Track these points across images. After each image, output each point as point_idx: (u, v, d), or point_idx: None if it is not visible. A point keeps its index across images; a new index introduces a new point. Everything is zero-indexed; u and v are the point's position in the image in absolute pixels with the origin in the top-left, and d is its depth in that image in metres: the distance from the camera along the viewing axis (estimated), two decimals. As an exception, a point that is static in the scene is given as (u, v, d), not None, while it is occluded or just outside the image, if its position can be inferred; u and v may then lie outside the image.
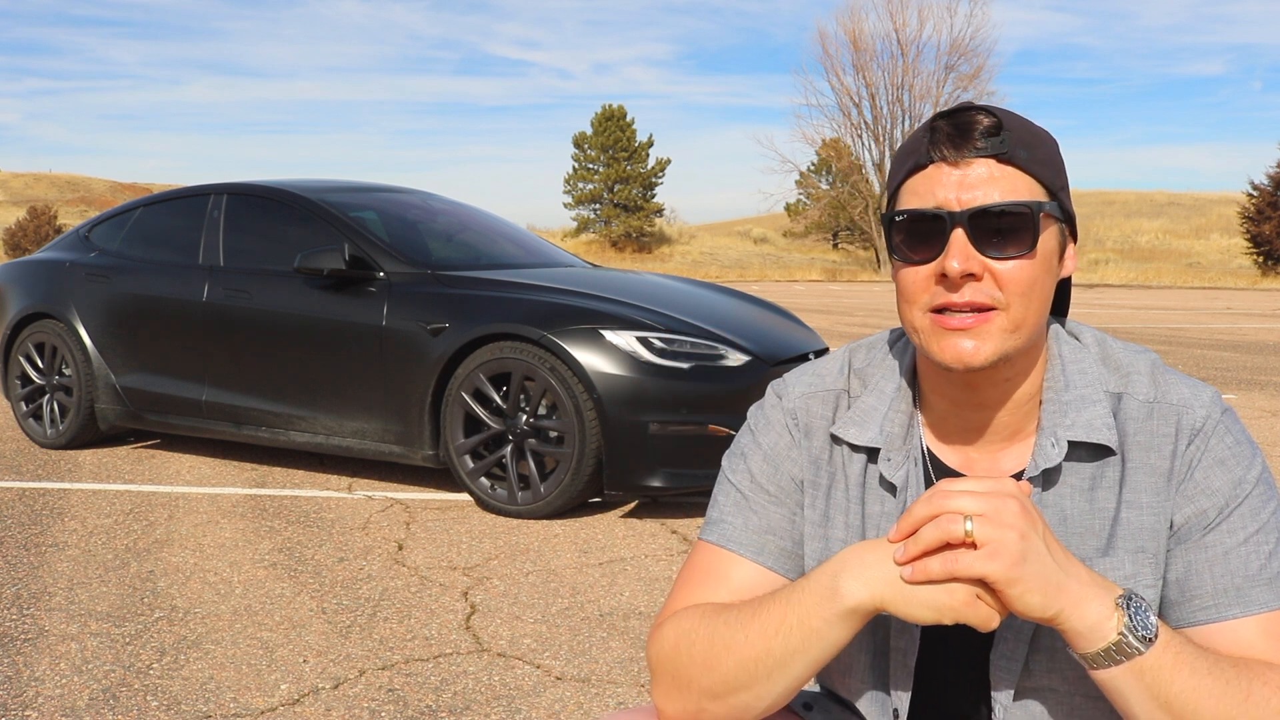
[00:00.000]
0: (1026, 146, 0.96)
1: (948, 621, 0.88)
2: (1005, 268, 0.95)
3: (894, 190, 1.02)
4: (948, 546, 0.87)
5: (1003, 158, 0.95)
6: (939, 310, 0.97)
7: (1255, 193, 38.45)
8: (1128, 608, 0.87)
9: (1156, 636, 0.87)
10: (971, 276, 0.95)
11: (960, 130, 0.95)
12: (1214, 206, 55.34)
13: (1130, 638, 0.86)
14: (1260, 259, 38.10)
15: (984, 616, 0.87)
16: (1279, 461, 5.26)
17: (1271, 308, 20.62)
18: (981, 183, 0.95)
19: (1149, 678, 0.87)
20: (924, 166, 0.98)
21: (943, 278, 0.96)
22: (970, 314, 0.95)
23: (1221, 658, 0.90)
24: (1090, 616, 0.86)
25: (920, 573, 0.87)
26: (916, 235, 0.97)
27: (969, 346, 0.95)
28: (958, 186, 0.95)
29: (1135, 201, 60.16)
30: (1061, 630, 0.88)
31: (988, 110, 0.96)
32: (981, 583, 0.86)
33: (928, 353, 0.99)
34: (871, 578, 0.90)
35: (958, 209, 0.95)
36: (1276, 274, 36.91)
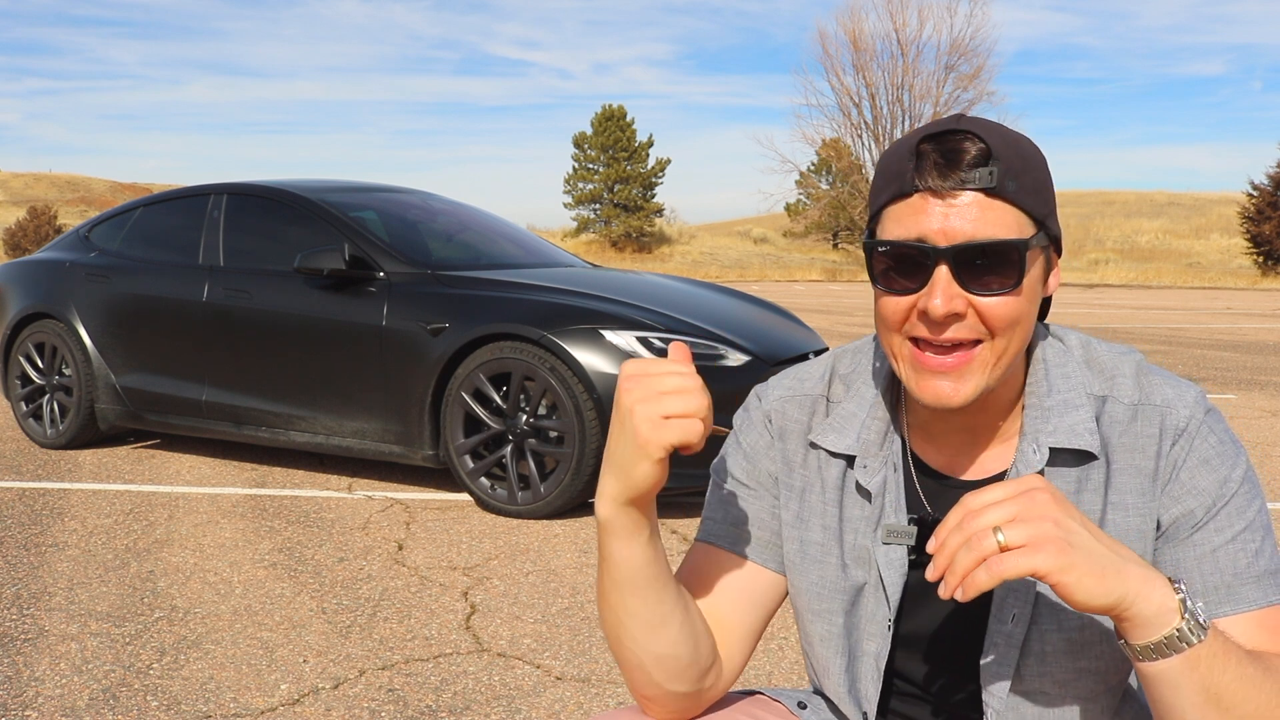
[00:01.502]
0: (1015, 176, 0.92)
1: (657, 453, 0.88)
2: (990, 303, 0.93)
3: (876, 211, 0.98)
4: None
5: (991, 191, 0.91)
6: (919, 340, 0.96)
7: (1255, 193, 38.46)
8: (1182, 592, 0.84)
9: (1208, 623, 0.84)
10: (955, 315, 0.93)
11: (947, 159, 0.91)
12: (1214, 206, 55.33)
13: (1193, 622, 0.82)
14: (1260, 259, 38.10)
15: (683, 431, 0.87)
16: (1279, 462, 5.25)
17: (1271, 308, 20.62)
18: (969, 218, 0.91)
19: (1204, 668, 0.83)
20: (908, 194, 0.93)
21: (924, 313, 0.94)
22: (951, 354, 0.94)
23: (1248, 650, 0.88)
24: (1156, 600, 0.82)
25: (972, 588, 0.81)
26: (899, 267, 0.95)
27: (948, 388, 0.95)
28: (943, 219, 0.91)
29: (1135, 201, 60.16)
30: (1123, 619, 0.83)
31: (976, 135, 0.91)
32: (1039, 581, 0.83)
33: (906, 386, 0.98)
34: (601, 488, 0.94)
35: (943, 244, 0.91)
36: (1276, 274, 36.91)
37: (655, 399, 0.88)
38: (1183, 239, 49.29)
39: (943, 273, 0.92)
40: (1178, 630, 0.82)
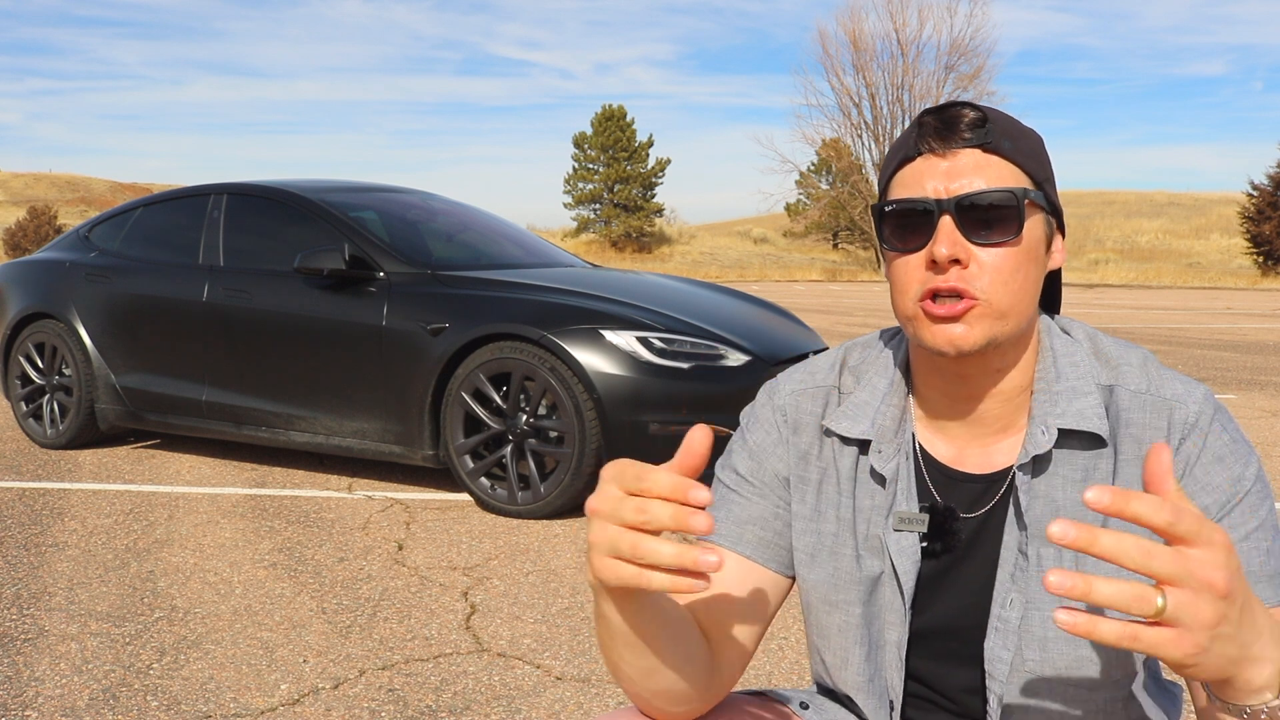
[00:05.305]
0: (1011, 138, 0.99)
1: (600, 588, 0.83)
2: (991, 254, 0.96)
3: (884, 184, 1.04)
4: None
5: (988, 147, 0.97)
6: (928, 297, 0.98)
7: (1255, 193, 38.46)
8: None
9: None
10: (957, 262, 0.96)
11: (946, 123, 0.98)
12: (1214, 206, 55.34)
13: None
14: (1260, 259, 38.10)
15: (618, 578, 0.78)
16: (1279, 462, 5.25)
17: (1271, 308, 20.62)
18: (968, 171, 0.97)
19: None
20: (912, 159, 1.00)
21: (932, 264, 0.97)
22: (958, 300, 0.96)
23: None
24: (1256, 681, 0.77)
25: (1086, 630, 0.67)
26: (906, 225, 0.99)
27: (959, 331, 0.96)
28: (945, 176, 0.97)
29: (1135, 201, 60.18)
30: (1215, 683, 0.77)
31: (973, 105, 0.99)
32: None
33: (919, 340, 1.00)
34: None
35: (945, 197, 0.97)
36: (1276, 274, 36.91)
37: (616, 523, 0.78)
38: (1183, 239, 49.30)
39: (946, 223, 0.96)
40: (1267, 705, 0.78)
